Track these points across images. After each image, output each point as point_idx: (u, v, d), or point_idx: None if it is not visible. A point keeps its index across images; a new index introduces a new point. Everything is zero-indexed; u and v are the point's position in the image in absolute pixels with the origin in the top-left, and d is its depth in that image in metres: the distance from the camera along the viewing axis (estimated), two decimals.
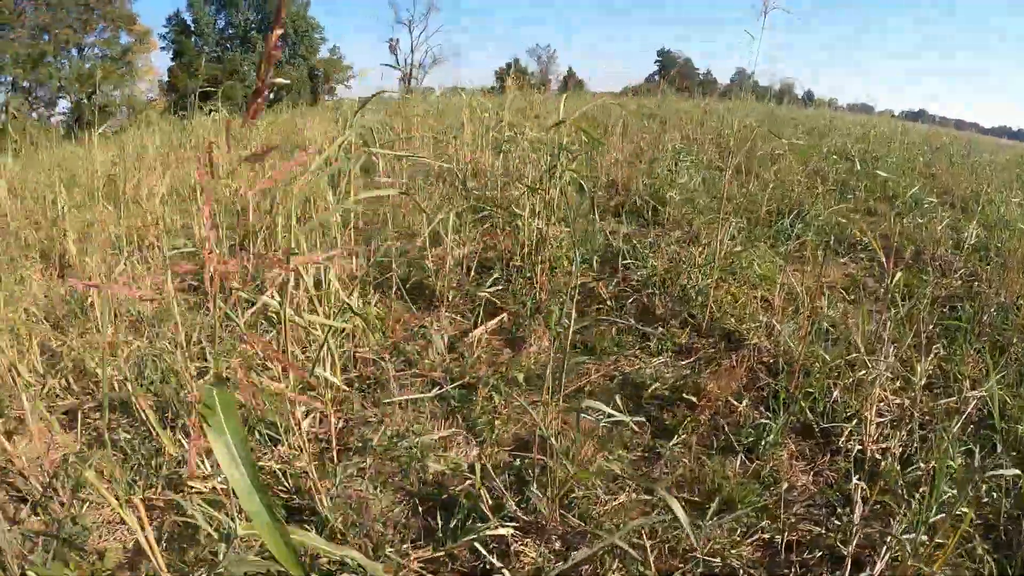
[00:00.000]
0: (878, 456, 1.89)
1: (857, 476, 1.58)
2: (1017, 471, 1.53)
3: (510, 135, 3.54)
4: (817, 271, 3.01)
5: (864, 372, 2.05)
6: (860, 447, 1.90)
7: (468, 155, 4.54)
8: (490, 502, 1.62)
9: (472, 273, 3.15)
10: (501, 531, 1.53)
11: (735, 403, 2.03)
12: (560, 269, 3.08)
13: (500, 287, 2.96)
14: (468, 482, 1.75)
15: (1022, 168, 8.78)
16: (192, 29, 30.75)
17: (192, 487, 1.68)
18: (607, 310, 2.75)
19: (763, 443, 1.84)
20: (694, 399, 2.05)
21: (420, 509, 1.69)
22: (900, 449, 1.89)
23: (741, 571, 1.47)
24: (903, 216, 4.70)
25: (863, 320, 2.15)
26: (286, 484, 1.76)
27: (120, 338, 2.21)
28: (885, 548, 1.45)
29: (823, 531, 1.63)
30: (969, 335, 2.58)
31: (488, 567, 1.49)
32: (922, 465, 1.74)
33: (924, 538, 1.41)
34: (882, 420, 1.95)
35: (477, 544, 1.51)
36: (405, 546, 1.56)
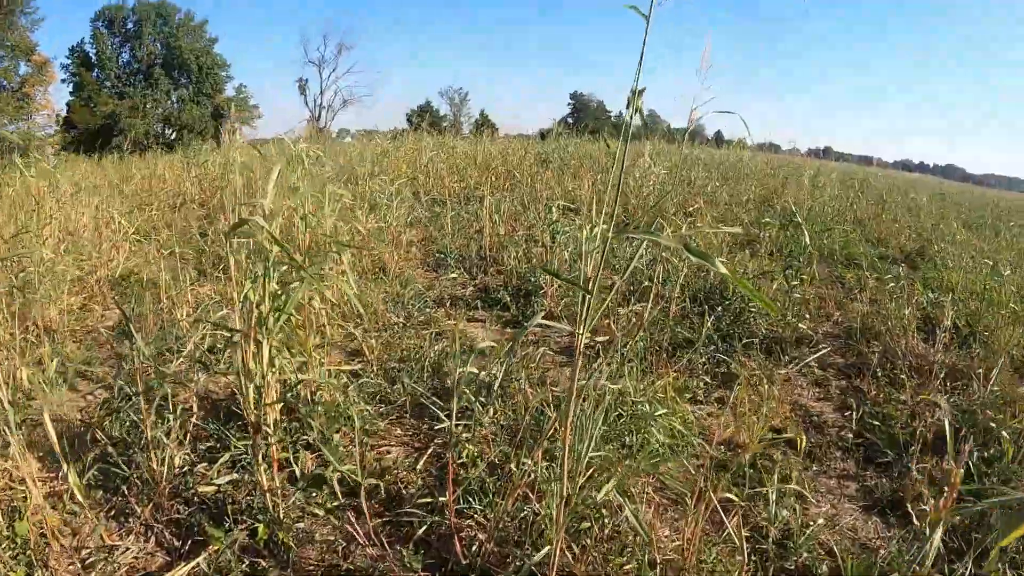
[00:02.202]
0: None
1: None
2: None
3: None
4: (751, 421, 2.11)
5: None
6: None
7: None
8: None
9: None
10: None
11: None
12: (347, 429, 2.01)
13: (238, 475, 1.86)
14: None
15: (966, 212, 8.57)
16: (94, 62, 28.32)
17: None
18: (367, 543, 1.62)
19: None
20: None
21: None
22: None
23: None
24: (854, 291, 4.00)
25: None
26: None
27: None
28: None
29: None
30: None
31: None
32: None
33: None
34: None
35: None
36: None
